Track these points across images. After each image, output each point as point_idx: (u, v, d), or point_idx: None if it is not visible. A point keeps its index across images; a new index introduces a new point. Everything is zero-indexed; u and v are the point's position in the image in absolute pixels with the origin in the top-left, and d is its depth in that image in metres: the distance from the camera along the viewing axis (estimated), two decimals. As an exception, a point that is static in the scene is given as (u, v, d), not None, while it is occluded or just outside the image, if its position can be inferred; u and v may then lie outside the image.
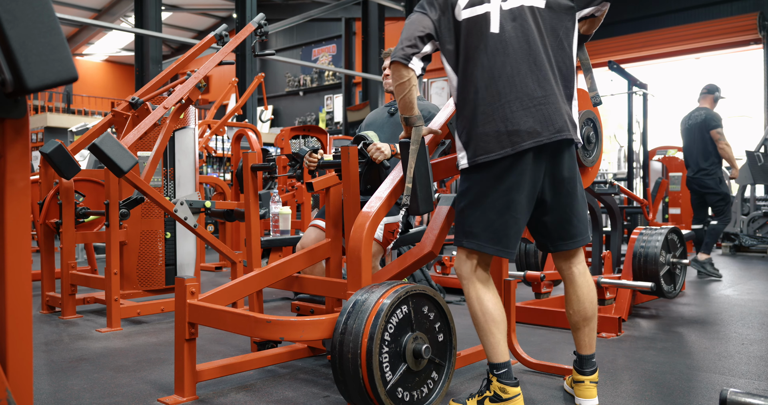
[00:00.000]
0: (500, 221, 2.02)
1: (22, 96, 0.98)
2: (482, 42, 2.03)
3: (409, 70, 2.08)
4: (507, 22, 2.03)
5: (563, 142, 2.02)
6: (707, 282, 5.48)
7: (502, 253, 2.06)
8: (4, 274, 1.04)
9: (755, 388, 2.43)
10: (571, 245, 2.13)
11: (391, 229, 2.84)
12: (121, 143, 2.88)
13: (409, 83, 2.09)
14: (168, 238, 4.10)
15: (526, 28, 2.03)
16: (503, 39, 2.02)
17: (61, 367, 2.74)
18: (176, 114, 3.64)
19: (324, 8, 14.92)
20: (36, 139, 12.76)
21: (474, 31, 2.05)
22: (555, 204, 2.08)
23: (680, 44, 12.45)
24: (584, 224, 2.13)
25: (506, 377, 2.02)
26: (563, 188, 2.06)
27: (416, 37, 2.07)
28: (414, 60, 2.07)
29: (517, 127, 1.96)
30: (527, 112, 1.98)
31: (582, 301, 2.16)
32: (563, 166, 2.04)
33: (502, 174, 2.00)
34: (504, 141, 1.97)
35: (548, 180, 2.04)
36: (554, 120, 1.98)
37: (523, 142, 1.96)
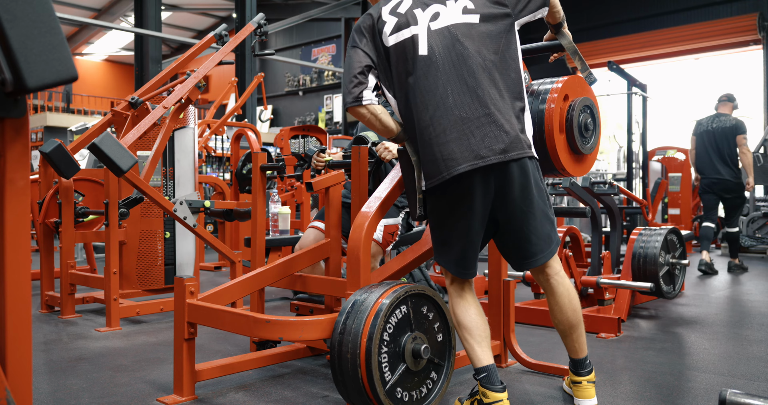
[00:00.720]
0: (458, 246, 2.05)
1: (21, 95, 0.98)
2: (412, 66, 1.99)
3: (366, 108, 2.04)
4: (437, 43, 1.98)
5: (509, 162, 1.92)
6: (707, 282, 5.48)
7: (462, 275, 2.09)
8: (4, 273, 1.04)
9: (755, 388, 2.44)
10: (533, 264, 2.06)
11: (390, 231, 2.84)
12: (121, 143, 2.88)
13: (374, 117, 2.06)
14: (167, 238, 4.10)
15: (459, 47, 1.96)
16: (433, 60, 1.96)
17: (60, 367, 2.74)
18: (176, 113, 3.63)
19: (323, 8, 14.91)
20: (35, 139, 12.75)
21: (402, 56, 2.01)
22: (509, 224, 2.02)
23: (680, 45, 12.46)
24: (545, 241, 2.04)
25: (486, 381, 2.00)
26: (516, 208, 1.98)
27: (357, 75, 2.04)
28: (365, 96, 2.03)
29: (450, 153, 1.91)
30: (462, 136, 1.91)
31: (564, 311, 2.12)
32: (513, 185, 1.94)
33: (452, 201, 1.98)
34: (440, 167, 1.93)
35: (499, 201, 1.97)
36: (495, 141, 1.90)
37: (458, 165, 1.90)
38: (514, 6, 2.04)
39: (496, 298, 2.73)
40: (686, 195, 8.80)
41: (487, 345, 2.06)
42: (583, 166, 2.36)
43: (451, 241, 2.05)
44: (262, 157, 2.95)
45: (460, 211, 1.98)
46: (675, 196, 8.80)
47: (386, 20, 2.05)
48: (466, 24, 1.99)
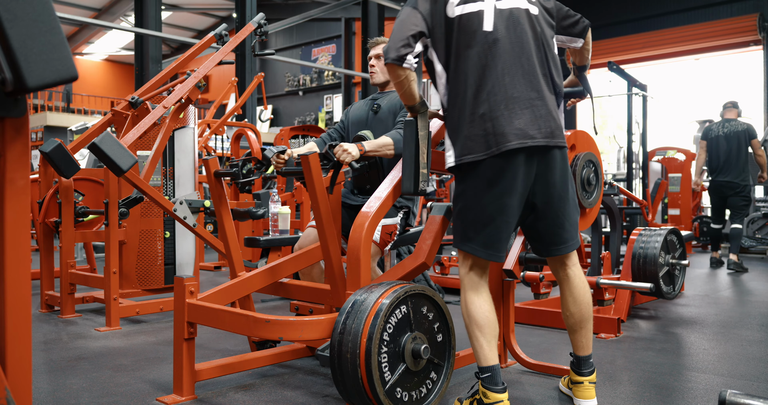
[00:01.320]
0: (492, 226, 2.01)
1: (22, 95, 0.98)
2: (474, 40, 2.01)
3: (405, 70, 2.05)
4: (501, 22, 2.02)
5: (554, 147, 1.99)
6: (706, 283, 5.48)
7: (494, 258, 2.05)
8: (4, 272, 1.04)
9: (755, 389, 2.44)
10: (563, 250, 2.11)
11: (388, 231, 2.84)
12: (121, 142, 2.88)
13: (407, 80, 2.08)
14: (167, 238, 4.10)
15: (520, 30, 2.01)
16: (495, 38, 2.00)
17: (60, 366, 2.74)
18: (176, 113, 3.63)
19: (324, 8, 14.92)
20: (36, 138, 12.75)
21: (465, 28, 2.03)
22: (547, 209, 2.05)
23: (680, 45, 12.47)
24: (575, 229, 2.12)
25: (489, 382, 1.99)
26: (555, 193, 2.03)
27: (409, 37, 2.04)
28: (408, 59, 2.04)
29: (503, 129, 1.94)
30: (515, 114, 1.95)
31: (578, 303, 2.14)
32: (555, 170, 2.01)
33: (494, 178, 1.97)
34: (490, 141, 1.95)
35: (540, 184, 2.01)
36: (544, 124, 1.96)
37: (508, 142, 1.93)
38: (560, 21, 2.16)
39: (495, 299, 2.72)
40: (686, 195, 8.80)
41: (495, 344, 2.05)
42: (585, 221, 2.39)
43: (484, 220, 2.02)
44: (213, 163, 2.75)
45: (499, 189, 1.98)
46: (675, 197, 8.80)
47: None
48: (528, 11, 2.06)
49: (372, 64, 3.01)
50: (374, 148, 2.56)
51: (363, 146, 2.52)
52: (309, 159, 2.25)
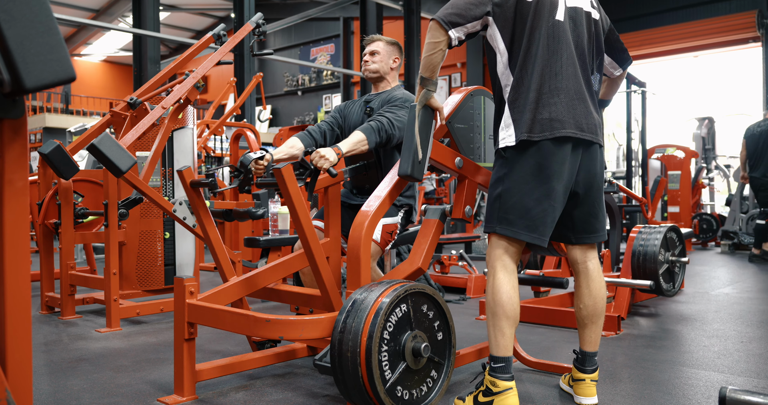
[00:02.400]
0: (538, 208, 2.02)
1: (20, 96, 0.98)
2: (546, 25, 2.08)
3: (444, 33, 2.05)
4: (568, 16, 2.12)
5: (595, 144, 2.13)
6: (706, 280, 5.48)
7: (538, 241, 2.03)
8: (3, 274, 1.04)
9: (754, 386, 2.44)
10: (593, 239, 2.20)
11: (389, 230, 2.83)
12: (120, 143, 2.88)
13: (438, 45, 2.06)
14: (167, 238, 4.10)
15: (582, 28, 2.13)
16: (564, 29, 2.09)
17: (60, 368, 2.74)
18: (174, 114, 3.63)
19: (322, 8, 14.90)
20: (34, 140, 12.74)
21: (541, 13, 2.09)
22: (586, 198, 2.15)
23: (679, 42, 12.45)
24: (605, 220, 2.25)
25: (501, 371, 2.00)
26: (595, 183, 2.15)
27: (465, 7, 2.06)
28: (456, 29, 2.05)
29: (562, 116, 2.03)
30: (573, 105, 2.05)
31: (594, 296, 2.17)
32: (597, 163, 2.15)
33: (545, 162, 2.02)
34: (545, 125, 2.02)
35: (582, 174, 2.11)
36: (591, 120, 2.09)
37: (563, 129, 2.02)
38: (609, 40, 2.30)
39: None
40: (686, 193, 8.80)
41: (513, 335, 2.07)
42: None
43: (529, 204, 2.02)
44: (188, 174, 2.58)
45: (547, 173, 2.02)
46: (674, 194, 8.80)
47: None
48: (590, 14, 2.18)
49: (366, 59, 2.99)
50: (349, 147, 2.54)
51: (339, 149, 2.47)
52: (282, 171, 2.12)
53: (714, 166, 9.77)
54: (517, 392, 2.01)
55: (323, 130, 2.95)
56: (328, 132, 2.96)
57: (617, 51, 2.36)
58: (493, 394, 1.99)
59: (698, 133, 9.68)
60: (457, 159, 2.30)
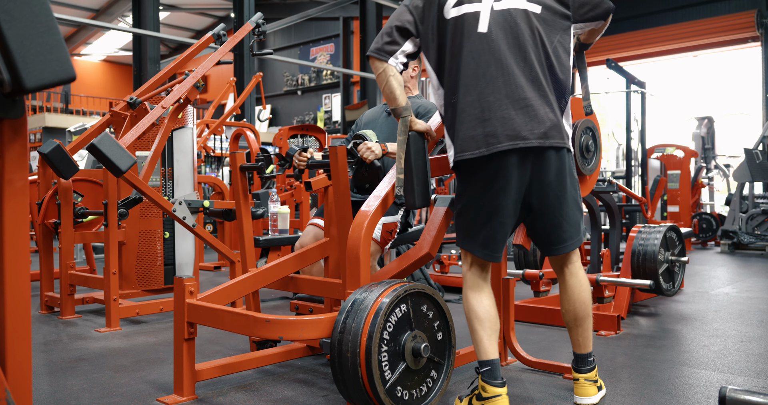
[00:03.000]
0: (488, 226, 2.04)
1: (20, 96, 0.98)
2: (468, 41, 2.01)
3: (382, 63, 2.09)
4: (496, 23, 2.00)
5: (548, 148, 1.97)
6: (706, 280, 5.49)
7: (489, 258, 2.09)
8: (3, 274, 1.04)
9: (754, 385, 2.44)
10: (561, 250, 2.10)
11: (389, 229, 2.84)
12: (120, 143, 2.88)
13: (384, 74, 2.10)
14: (167, 238, 4.10)
15: (517, 31, 1.99)
16: (490, 39, 1.99)
17: (60, 367, 2.74)
18: (174, 113, 3.63)
19: (322, 7, 14.91)
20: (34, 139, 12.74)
21: (461, 30, 2.03)
22: (543, 209, 2.04)
23: (678, 42, 12.47)
24: (575, 228, 2.09)
25: (488, 376, 2.01)
26: (550, 192, 2.02)
27: (394, 33, 2.08)
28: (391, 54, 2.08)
29: (495, 130, 1.94)
30: (507, 115, 1.94)
31: (572, 302, 2.15)
32: (549, 170, 1.99)
33: (488, 179, 1.99)
34: (480, 142, 1.96)
35: (535, 184, 2.00)
36: (537, 125, 1.95)
37: (498, 143, 1.93)
38: (577, 9, 2.07)
39: (496, 297, 2.72)
40: (685, 192, 8.81)
41: (495, 338, 2.07)
42: (584, 188, 2.39)
43: (480, 221, 2.05)
44: (240, 158, 2.89)
45: (494, 190, 2.00)
46: (674, 194, 8.80)
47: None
48: (527, 11, 2.02)
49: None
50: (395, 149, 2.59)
51: (386, 146, 2.63)
52: (337, 150, 2.37)
53: (713, 165, 9.78)
54: (507, 399, 2.00)
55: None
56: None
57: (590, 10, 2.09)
58: (483, 399, 2.01)
59: (698, 132, 9.69)
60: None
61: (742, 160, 7.90)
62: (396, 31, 2.08)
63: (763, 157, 7.76)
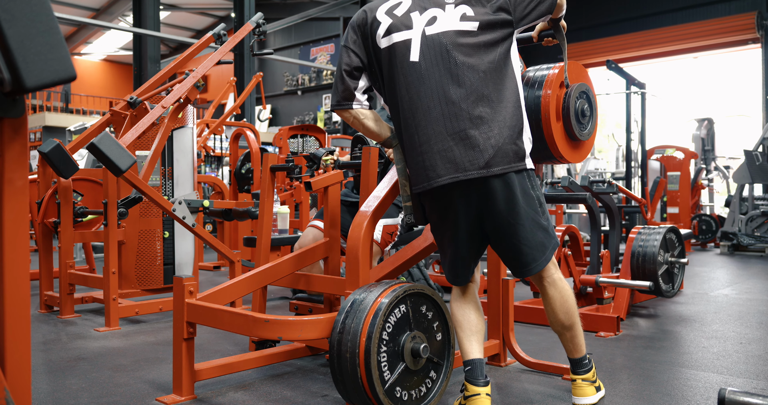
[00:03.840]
0: (448, 252, 2.11)
1: (20, 95, 0.98)
2: (401, 72, 1.97)
3: (348, 112, 2.08)
4: (429, 50, 1.93)
5: (490, 178, 1.89)
6: (705, 281, 5.49)
7: (450, 280, 2.16)
8: (3, 273, 1.04)
9: (754, 387, 2.44)
10: (527, 273, 2.05)
11: (389, 231, 2.84)
12: (120, 142, 2.88)
13: (356, 121, 2.10)
14: (166, 238, 4.10)
15: (449, 57, 1.91)
16: (423, 68, 1.93)
17: (59, 367, 2.74)
18: (174, 113, 3.63)
19: (322, 7, 14.91)
20: (34, 139, 12.75)
21: (393, 60, 1.98)
22: (498, 236, 2.00)
23: (678, 44, 12.47)
24: (538, 250, 2.00)
25: (469, 375, 2.07)
26: (502, 220, 1.95)
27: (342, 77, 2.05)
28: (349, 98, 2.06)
29: (433, 164, 1.92)
30: (446, 149, 1.90)
31: (556, 313, 2.14)
32: (497, 199, 1.92)
33: (440, 212, 2.03)
34: (422, 176, 1.96)
35: (485, 214, 1.96)
36: (478, 155, 1.87)
37: (439, 178, 1.91)
38: (519, 12, 1.96)
39: (495, 298, 2.73)
40: (685, 194, 8.81)
41: (476, 340, 2.11)
42: (581, 153, 2.35)
43: (443, 246, 2.12)
44: (272, 158, 2.98)
45: (447, 221, 2.03)
46: (674, 195, 8.80)
47: (381, 21, 2.01)
48: (462, 31, 1.93)
49: None
50: None
51: None
52: (370, 150, 2.48)
53: (713, 167, 9.78)
54: (488, 399, 2.02)
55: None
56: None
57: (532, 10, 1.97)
58: (466, 399, 2.05)
59: (698, 134, 9.69)
60: None
61: (742, 162, 7.90)
62: (345, 76, 2.05)
63: (763, 158, 7.76)
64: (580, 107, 2.25)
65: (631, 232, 3.84)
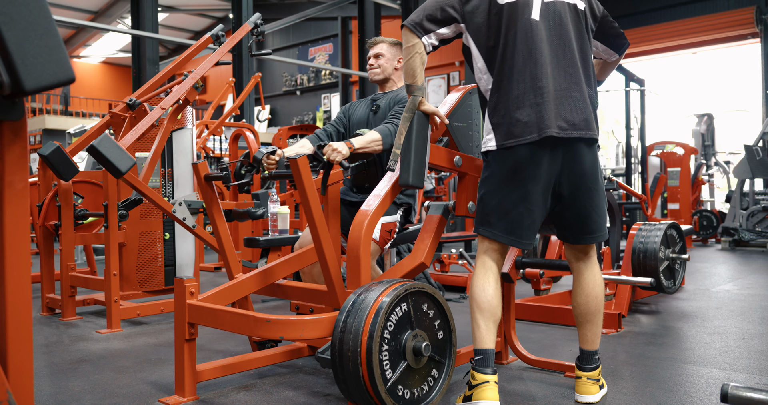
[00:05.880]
0: (515, 212, 2.04)
1: (19, 98, 0.98)
2: (521, 27, 2.05)
3: (414, 37, 2.08)
4: (547, 13, 2.06)
5: (580, 140, 2.02)
6: (707, 277, 5.49)
7: (516, 243, 2.08)
8: (4, 276, 1.04)
9: (756, 382, 2.44)
10: (590, 240, 2.14)
11: (388, 229, 2.84)
12: (119, 144, 2.88)
13: (412, 49, 2.08)
14: (167, 239, 4.10)
15: (563, 22, 2.06)
16: (543, 27, 2.04)
17: (61, 369, 2.74)
18: (174, 115, 3.63)
19: (320, 7, 14.90)
20: (34, 142, 12.74)
21: (514, 15, 2.06)
22: (574, 199, 2.08)
23: (677, 39, 12.46)
24: (603, 219, 2.14)
25: (480, 364, 2.03)
26: (583, 184, 2.06)
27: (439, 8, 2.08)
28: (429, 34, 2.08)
29: (543, 117, 1.98)
30: (555, 104, 2.00)
31: (585, 295, 2.17)
32: (583, 161, 2.04)
33: (519, 165, 2.01)
34: (533, 127, 1.98)
35: (567, 175, 2.04)
36: (579, 116, 2.01)
37: (548, 129, 1.97)
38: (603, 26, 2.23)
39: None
40: (685, 190, 8.80)
41: (494, 328, 2.07)
42: None
43: (506, 207, 2.05)
44: (203, 167, 2.71)
45: (522, 176, 2.02)
46: (674, 191, 8.80)
47: None
48: (575, 6, 2.11)
49: (371, 63, 3.00)
50: (363, 144, 2.57)
51: (351, 143, 2.51)
52: (297, 162, 2.21)
53: (714, 162, 9.78)
54: (495, 386, 2.00)
55: (329, 132, 3.03)
56: (334, 134, 3.04)
57: (612, 37, 2.29)
58: (473, 388, 2.02)
59: (697, 129, 9.69)
60: (456, 157, 2.30)
61: (742, 157, 7.89)
62: (440, 11, 2.08)
63: (763, 153, 7.75)
64: None
65: (632, 228, 3.83)
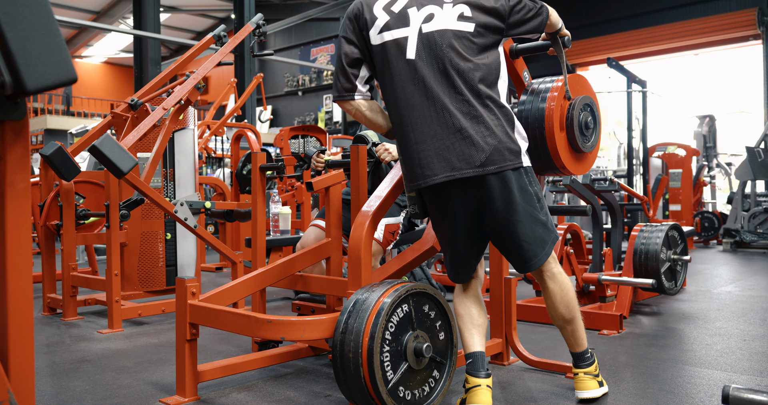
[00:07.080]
0: (447, 253, 2.14)
1: (21, 98, 0.98)
2: (397, 69, 1.96)
3: (349, 103, 2.06)
4: (424, 48, 1.93)
5: (486, 176, 1.90)
6: (708, 278, 5.48)
7: (454, 280, 2.19)
8: (5, 276, 1.04)
9: (758, 384, 2.44)
10: (529, 268, 2.07)
11: (391, 230, 2.84)
12: (121, 145, 2.88)
13: (358, 112, 2.08)
14: (168, 239, 4.10)
15: (445, 55, 1.91)
16: (418, 66, 1.93)
17: (62, 369, 2.75)
18: (175, 115, 3.64)
19: (322, 8, 14.91)
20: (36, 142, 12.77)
21: (387, 57, 1.97)
22: (497, 234, 2.03)
23: (679, 40, 12.45)
24: (538, 245, 2.02)
25: (470, 367, 2.10)
26: (501, 218, 1.96)
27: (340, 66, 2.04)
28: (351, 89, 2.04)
29: (429, 162, 1.92)
30: (442, 147, 1.90)
31: (556, 306, 2.16)
32: (494, 197, 1.93)
33: (438, 210, 2.04)
34: (418, 173, 1.96)
35: (483, 212, 1.98)
36: (474, 153, 1.88)
37: (435, 176, 1.92)
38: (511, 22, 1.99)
39: (497, 296, 2.72)
40: (687, 191, 8.79)
41: (477, 333, 2.15)
42: (584, 165, 2.36)
43: (444, 244, 2.14)
44: (261, 158, 2.94)
45: (446, 219, 2.04)
46: (676, 192, 8.79)
47: (377, 16, 1.99)
48: (458, 31, 1.93)
49: None
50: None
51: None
52: (359, 149, 2.44)
53: (715, 164, 9.77)
54: (488, 390, 2.04)
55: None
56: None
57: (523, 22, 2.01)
58: (466, 391, 2.07)
59: (699, 131, 9.68)
60: None
61: (744, 159, 7.89)
62: (346, 66, 2.03)
63: (765, 155, 7.75)
64: (584, 119, 2.26)
65: (633, 229, 3.83)
